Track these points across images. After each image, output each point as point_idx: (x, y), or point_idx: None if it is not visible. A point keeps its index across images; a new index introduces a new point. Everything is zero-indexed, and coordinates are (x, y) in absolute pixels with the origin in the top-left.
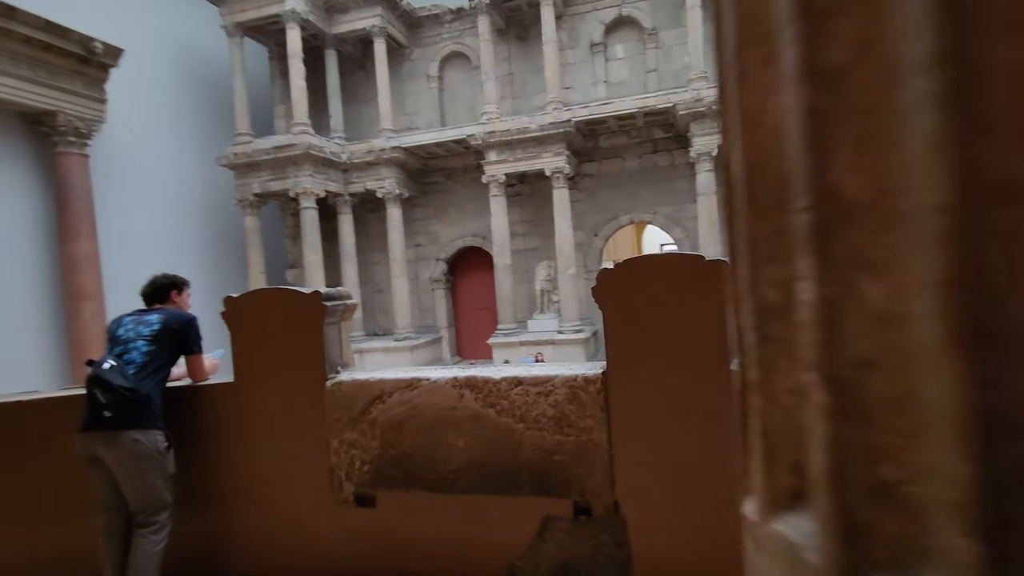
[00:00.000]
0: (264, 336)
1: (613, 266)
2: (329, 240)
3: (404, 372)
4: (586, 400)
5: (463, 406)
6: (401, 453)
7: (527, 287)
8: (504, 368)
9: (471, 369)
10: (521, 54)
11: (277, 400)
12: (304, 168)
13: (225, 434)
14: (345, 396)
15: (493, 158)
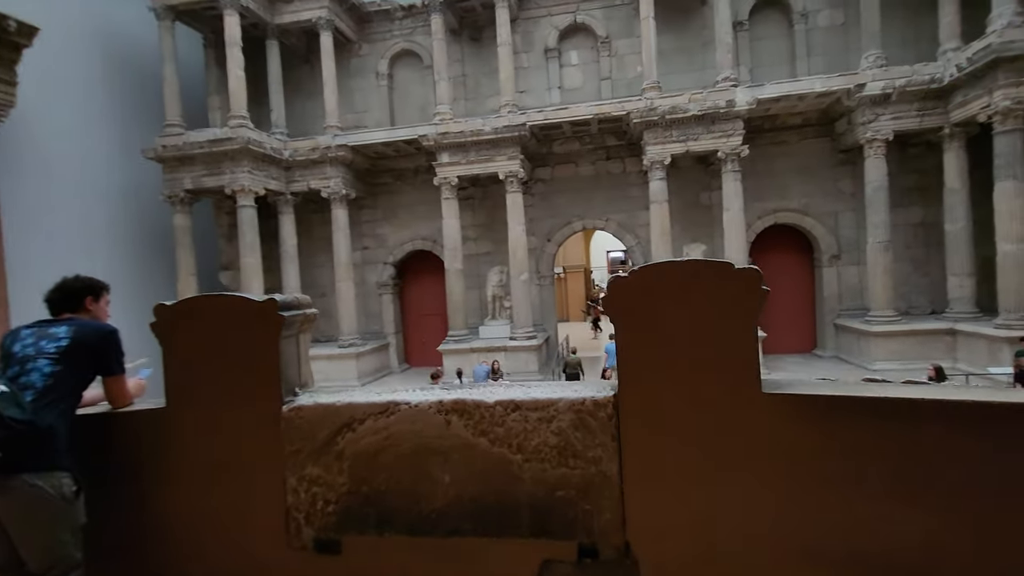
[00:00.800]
0: (205, 352)
1: (627, 273)
2: (268, 241)
3: (378, 394)
4: (595, 427)
5: (450, 435)
6: (374, 490)
7: (478, 292)
8: (497, 390)
9: (459, 391)
10: (474, 55)
11: (221, 430)
12: (242, 164)
13: (153, 473)
14: (306, 424)
15: (445, 160)
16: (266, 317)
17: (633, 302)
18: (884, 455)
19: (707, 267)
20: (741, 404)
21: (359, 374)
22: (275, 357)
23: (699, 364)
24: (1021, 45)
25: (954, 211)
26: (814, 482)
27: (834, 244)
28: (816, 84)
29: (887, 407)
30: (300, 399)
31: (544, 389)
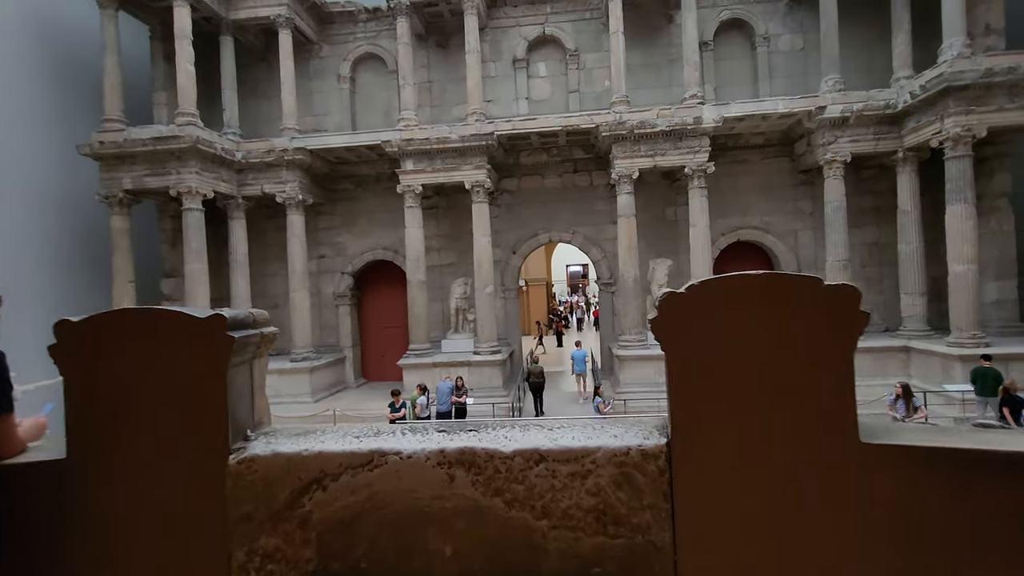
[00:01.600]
0: (125, 384)
1: (685, 289)
2: (216, 248)
3: (357, 438)
4: (642, 485)
5: (454, 494)
6: (351, 568)
7: (441, 305)
8: (513, 433)
9: (464, 436)
10: (441, 62)
11: (143, 487)
12: (190, 164)
13: (47, 548)
14: (260, 481)
15: (410, 167)
16: (211, 338)
17: (692, 323)
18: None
19: (790, 282)
20: (833, 457)
21: (313, 390)
22: (220, 391)
23: (779, 404)
24: (971, 75)
25: (907, 232)
26: (929, 557)
27: (794, 261)
28: (779, 105)
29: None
30: (253, 446)
31: (575, 433)
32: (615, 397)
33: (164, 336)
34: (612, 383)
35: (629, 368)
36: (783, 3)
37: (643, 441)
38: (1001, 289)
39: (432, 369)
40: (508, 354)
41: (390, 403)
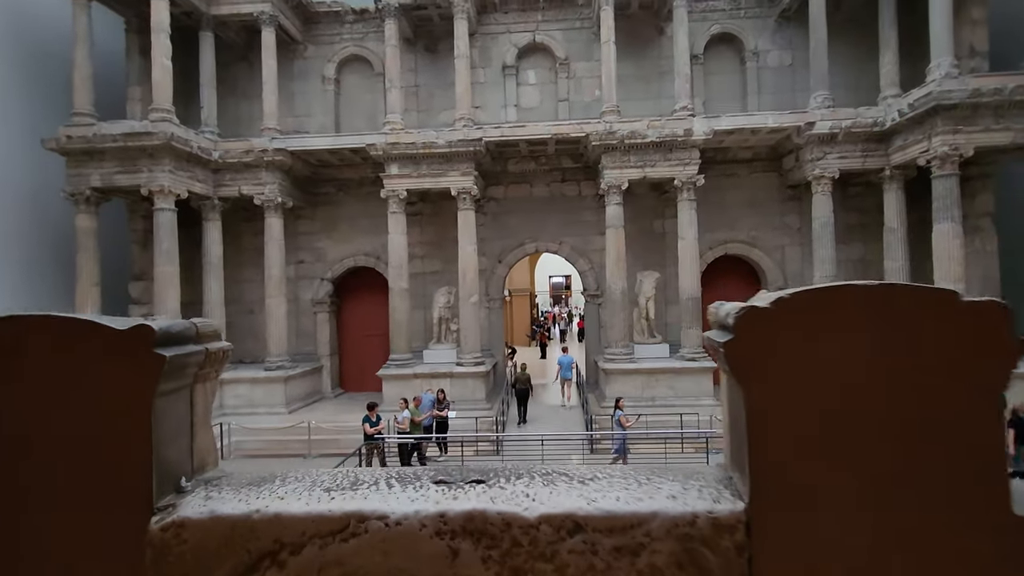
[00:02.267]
0: (5, 416)
1: (772, 303)
2: (190, 250)
3: (330, 493)
4: (714, 567)
5: (458, 574)
6: None
7: (424, 314)
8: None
9: (472, 493)
10: (429, 67)
11: (30, 565)
12: (163, 162)
13: None
14: (192, 554)
15: (394, 172)
16: (131, 357)
17: (783, 346)
18: None
19: (918, 296)
20: (976, 535)
21: (287, 400)
22: (142, 427)
23: (904, 458)
24: (959, 95)
25: (893, 250)
26: None
27: (780, 277)
28: (769, 120)
29: None
30: (187, 503)
31: (618, 491)
32: (600, 412)
33: (63, 354)
34: (597, 397)
35: (615, 382)
36: (772, 20)
37: (713, 505)
38: None
39: (413, 380)
40: (492, 366)
41: (364, 416)
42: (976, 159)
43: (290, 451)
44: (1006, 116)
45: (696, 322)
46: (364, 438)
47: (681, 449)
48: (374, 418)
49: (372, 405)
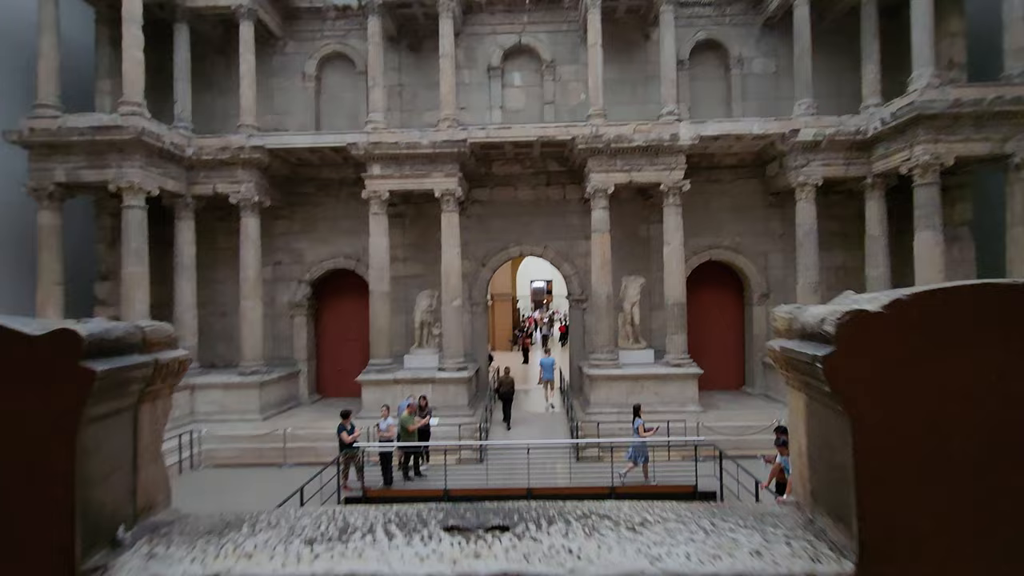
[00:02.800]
0: None
1: (883, 306)
2: (161, 250)
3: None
4: None
5: None
6: None
7: (405, 318)
8: (582, 543)
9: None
10: (413, 66)
11: None
12: (133, 157)
13: None
14: None
15: (376, 172)
16: (47, 372)
17: (899, 359)
18: None
19: None
20: None
21: (262, 406)
22: (62, 464)
23: None
24: (940, 105)
25: (875, 257)
26: None
27: (763, 283)
28: (754, 126)
29: None
30: (124, 565)
31: (685, 545)
32: (585, 418)
33: None
34: (581, 403)
35: (600, 388)
36: (757, 27)
37: (813, 567)
38: None
39: (394, 386)
40: (475, 371)
41: (339, 425)
42: (954, 169)
43: (265, 459)
44: (985, 126)
45: (681, 328)
46: (340, 447)
47: (668, 457)
48: (349, 426)
49: (346, 413)
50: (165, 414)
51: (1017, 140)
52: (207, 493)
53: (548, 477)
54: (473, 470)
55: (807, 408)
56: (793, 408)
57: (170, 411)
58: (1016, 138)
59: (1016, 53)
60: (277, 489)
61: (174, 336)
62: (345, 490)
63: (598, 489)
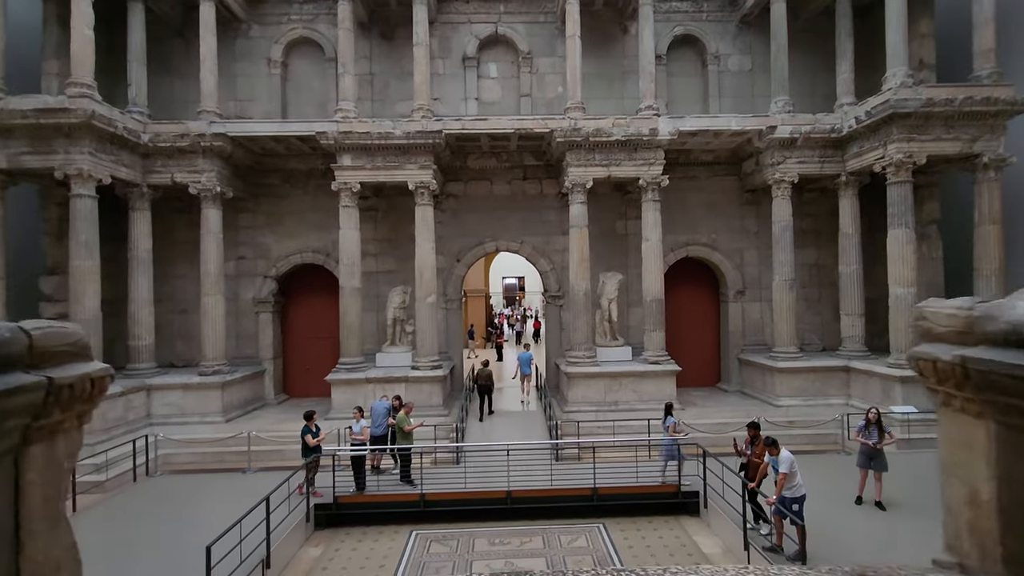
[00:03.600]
0: None
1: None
2: (114, 243)
3: None
4: None
5: None
6: None
7: (377, 315)
8: None
9: None
10: (385, 55)
11: None
12: (82, 143)
13: None
14: None
15: (347, 163)
16: None
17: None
18: None
19: None
20: None
21: (224, 407)
22: None
23: None
24: (914, 103)
25: (847, 254)
26: None
27: (739, 280)
28: (732, 122)
29: None
30: None
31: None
32: (564, 417)
33: None
34: (559, 401)
35: (578, 386)
36: (734, 24)
37: None
38: None
39: (365, 385)
40: (449, 369)
41: (304, 427)
42: (923, 169)
43: (227, 464)
44: (955, 126)
45: (659, 325)
46: (304, 451)
47: (648, 455)
48: (314, 428)
49: (310, 414)
50: (71, 455)
51: (986, 140)
52: (163, 503)
53: (528, 479)
54: (450, 472)
55: (1002, 442)
56: (964, 440)
57: (79, 448)
58: (984, 138)
59: (985, 54)
60: (241, 497)
61: (83, 342)
62: (315, 495)
63: (580, 491)
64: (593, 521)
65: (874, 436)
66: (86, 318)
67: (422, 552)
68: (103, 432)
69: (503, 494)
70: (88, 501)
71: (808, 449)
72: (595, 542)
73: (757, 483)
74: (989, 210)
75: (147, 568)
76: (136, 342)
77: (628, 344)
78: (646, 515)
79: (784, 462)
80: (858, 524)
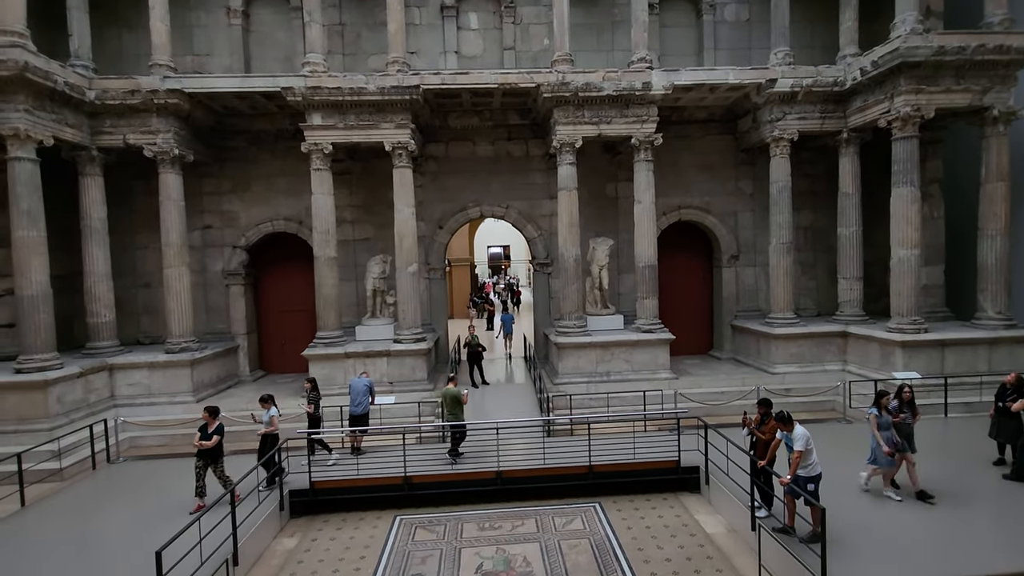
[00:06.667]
0: None
1: None
2: (67, 211)
3: None
4: None
5: None
6: None
7: (356, 285)
8: None
9: None
10: (356, 3)
11: None
12: (15, 99)
13: None
14: None
15: (317, 122)
16: None
17: None
18: None
19: None
20: None
21: (195, 386)
22: None
23: None
24: (924, 52)
25: (847, 215)
26: None
27: (733, 244)
28: (729, 75)
29: None
30: None
31: None
32: (555, 390)
33: None
34: (549, 372)
35: (569, 357)
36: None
37: None
38: (930, 274)
39: (344, 360)
40: (434, 342)
41: (201, 425)
42: (928, 124)
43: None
44: (966, 77)
45: (652, 292)
46: (262, 446)
47: (644, 428)
48: (269, 411)
49: (266, 398)
50: None
51: (996, 92)
52: (122, 492)
53: (518, 457)
54: (436, 451)
55: None
56: None
57: None
58: (995, 89)
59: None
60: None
61: None
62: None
63: (575, 469)
64: (589, 500)
65: (908, 416)
66: (32, 293)
67: (407, 539)
68: (62, 416)
69: (493, 474)
70: (41, 491)
71: (808, 418)
72: (591, 524)
73: (767, 461)
74: (997, 166)
75: (95, 570)
76: (95, 319)
77: (619, 312)
78: (644, 493)
79: (799, 439)
80: (882, 507)
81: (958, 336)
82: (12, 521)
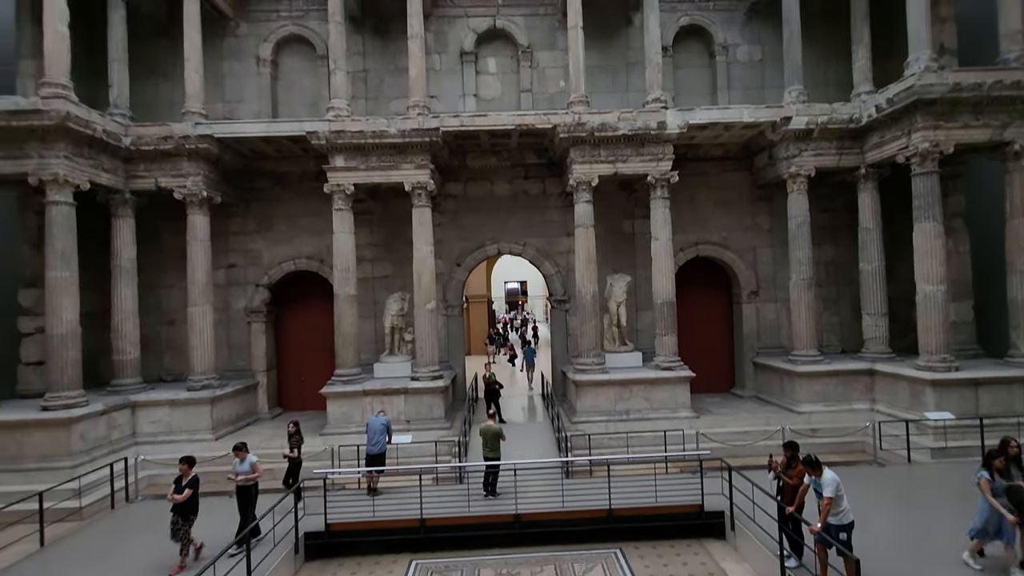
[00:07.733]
0: None
1: None
2: (98, 251)
3: None
4: None
5: None
6: None
7: (374, 323)
8: None
9: None
10: (378, 51)
11: None
12: (56, 147)
13: None
14: None
15: (340, 164)
16: None
17: None
18: None
19: None
20: None
21: (214, 424)
22: None
23: None
24: (940, 89)
25: (868, 250)
26: None
27: (753, 280)
28: (744, 114)
29: None
30: None
31: None
32: (573, 429)
33: None
34: (567, 410)
35: (587, 394)
36: (742, 13)
37: None
38: (958, 311)
39: (363, 398)
40: (451, 379)
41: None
42: (947, 159)
43: (216, 486)
44: (984, 113)
45: (671, 329)
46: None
47: (666, 470)
48: (249, 458)
49: (240, 447)
50: None
51: (1016, 126)
52: (138, 534)
53: (536, 499)
54: (452, 492)
55: None
56: None
57: None
58: (1015, 124)
59: (1012, 36)
60: (227, 523)
61: None
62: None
63: (595, 512)
64: (609, 546)
65: (1017, 477)
66: (63, 332)
67: None
68: (84, 453)
69: (511, 518)
70: (60, 531)
71: (837, 460)
72: (613, 570)
73: (796, 508)
74: (1021, 201)
75: None
76: (120, 356)
77: (638, 349)
78: (666, 538)
79: (829, 484)
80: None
81: (992, 375)
82: (31, 561)
